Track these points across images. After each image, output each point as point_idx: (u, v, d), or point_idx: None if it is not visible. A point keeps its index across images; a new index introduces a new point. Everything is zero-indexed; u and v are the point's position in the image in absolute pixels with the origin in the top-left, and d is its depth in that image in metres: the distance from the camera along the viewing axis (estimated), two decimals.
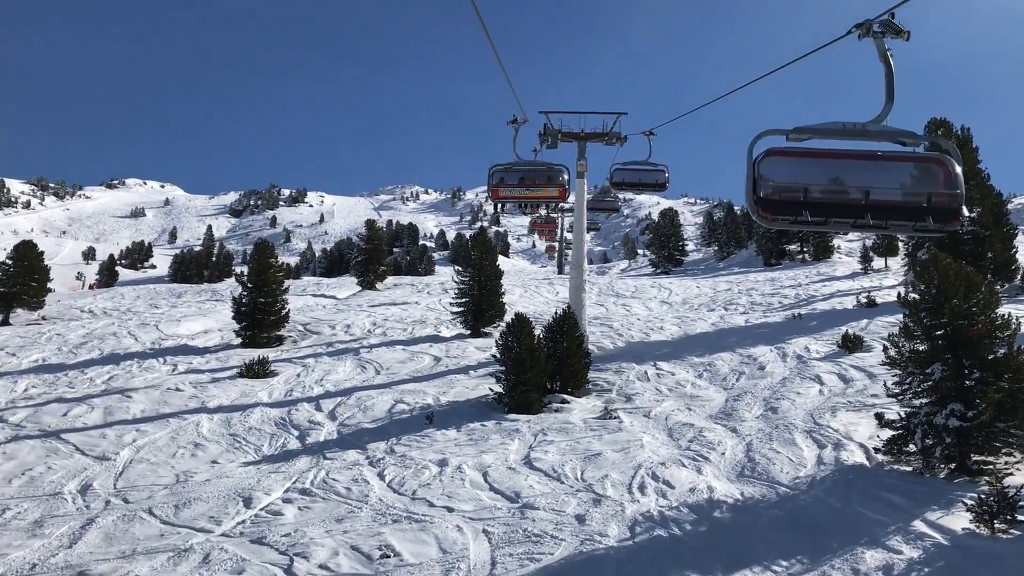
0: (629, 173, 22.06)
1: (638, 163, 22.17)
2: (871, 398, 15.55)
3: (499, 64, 11.18)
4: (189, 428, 15.53)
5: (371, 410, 16.46)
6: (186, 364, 21.57)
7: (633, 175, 22.04)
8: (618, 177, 22.11)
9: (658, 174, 22.05)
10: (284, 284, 25.17)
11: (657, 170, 22.08)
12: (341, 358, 21.43)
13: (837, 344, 19.57)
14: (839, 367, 18.00)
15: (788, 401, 15.82)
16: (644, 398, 16.72)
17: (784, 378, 17.65)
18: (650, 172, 22.06)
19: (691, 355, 20.24)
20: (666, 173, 22.04)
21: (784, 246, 49.77)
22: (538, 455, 13.11)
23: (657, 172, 22.06)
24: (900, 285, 30.94)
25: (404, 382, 18.73)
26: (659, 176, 22.02)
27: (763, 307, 29.49)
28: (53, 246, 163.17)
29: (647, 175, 22.04)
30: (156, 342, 25.30)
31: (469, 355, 21.43)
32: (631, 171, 22.08)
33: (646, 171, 22.06)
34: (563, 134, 21.02)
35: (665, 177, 22.05)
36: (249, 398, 17.59)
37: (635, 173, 22.05)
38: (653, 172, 22.08)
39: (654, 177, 22.02)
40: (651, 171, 22.08)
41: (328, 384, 18.69)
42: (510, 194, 17.04)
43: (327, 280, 63.41)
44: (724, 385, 17.57)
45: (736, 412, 15.47)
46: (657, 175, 22.04)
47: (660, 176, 22.03)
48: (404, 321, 28.04)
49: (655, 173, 22.07)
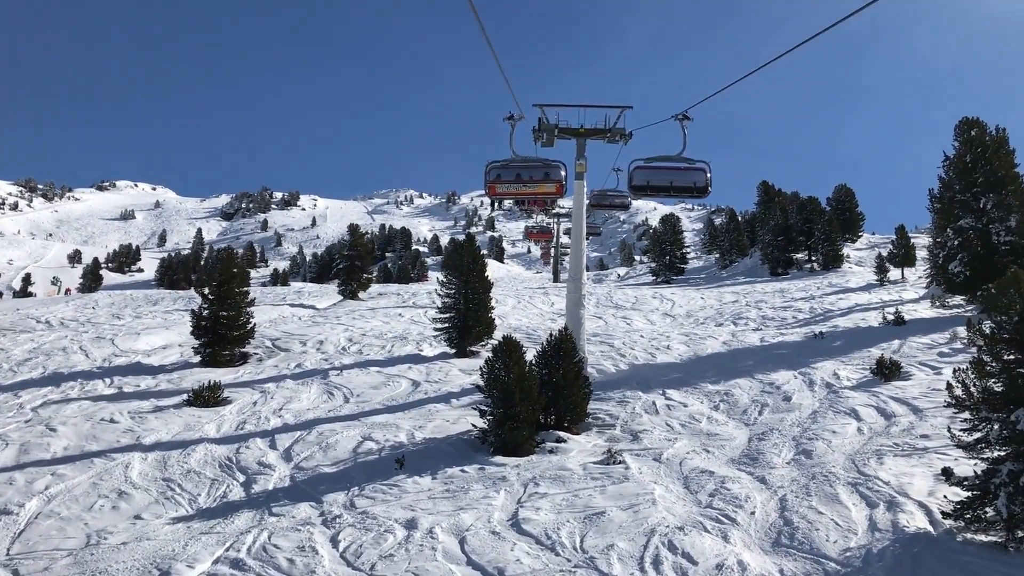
0: (656, 173, 16.63)
1: (668, 159, 16.72)
2: (921, 440, 13.20)
3: (493, 55, 10.87)
4: (116, 471, 13.10)
5: (333, 449, 14.02)
6: (133, 387, 19.10)
7: (662, 175, 16.56)
8: (640, 178, 16.61)
9: (695, 174, 16.49)
10: (249, 296, 22.66)
11: (694, 169, 16.56)
12: (306, 382, 18.95)
13: (871, 370, 17.21)
14: (876, 399, 15.63)
15: (823, 442, 13.43)
16: (653, 436, 14.31)
17: (814, 411, 15.28)
18: (685, 172, 16.54)
19: (704, 381, 17.85)
20: (707, 173, 16.46)
21: (791, 254, 47.48)
22: (528, 513, 10.70)
23: (694, 172, 16.53)
24: (923, 299, 28.66)
25: (376, 412, 16.29)
26: (697, 177, 16.49)
27: (776, 322, 27.17)
28: (39, 249, 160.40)
29: (681, 175, 16.48)
30: (108, 359, 22.82)
31: (452, 379, 18.99)
32: (660, 170, 16.65)
33: (680, 170, 16.55)
34: (560, 130, 18.61)
35: (706, 179, 16.45)
36: (193, 432, 15.13)
37: (665, 173, 16.55)
38: (689, 172, 16.55)
39: (690, 178, 16.47)
40: (686, 170, 16.56)
41: (287, 415, 16.24)
42: (507, 190, 16.62)
43: (312, 287, 60.95)
44: (745, 419, 15.18)
45: (762, 455, 13.08)
46: (694, 176, 16.49)
47: (699, 177, 16.45)
48: (383, 336, 25.56)
49: (691, 173, 16.52)
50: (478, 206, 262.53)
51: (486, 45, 10.64)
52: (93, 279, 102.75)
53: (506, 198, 17.53)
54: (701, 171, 16.75)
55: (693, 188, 16.74)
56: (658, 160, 16.95)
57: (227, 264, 22.05)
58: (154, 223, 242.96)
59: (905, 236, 38.95)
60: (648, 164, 16.98)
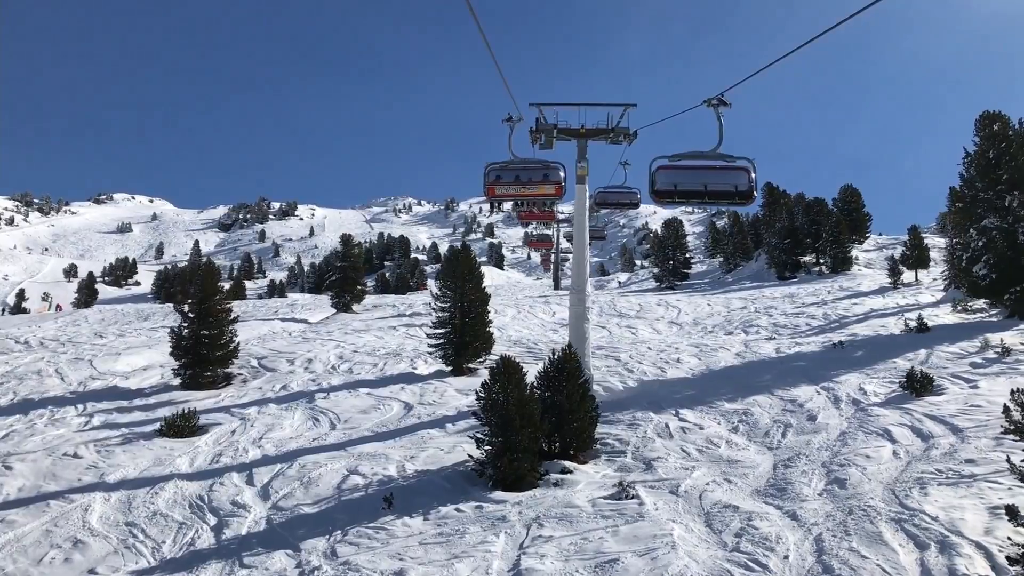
0: (687, 175, 13.75)
1: (701, 156, 13.82)
2: (966, 465, 11.85)
3: (489, 52, 10.65)
4: (74, 515, 11.82)
5: (316, 485, 12.71)
6: (104, 415, 17.79)
7: (694, 178, 13.69)
8: (665, 181, 13.66)
9: (736, 175, 13.67)
10: (232, 314, 21.36)
11: (735, 168, 13.70)
12: (290, 406, 17.62)
13: (901, 384, 15.88)
14: (910, 417, 14.29)
15: (856, 469, 12.09)
16: (668, 464, 12.98)
17: (842, 432, 13.94)
18: (723, 172, 13.72)
19: (719, 399, 16.52)
20: (751, 173, 13.57)
21: (798, 257, 46.16)
22: (531, 562, 9.40)
23: (735, 172, 13.69)
24: (942, 302, 27.35)
25: (364, 440, 14.97)
26: (739, 179, 13.71)
27: (790, 330, 25.86)
28: (34, 264, 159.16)
29: (718, 177, 13.69)
30: (83, 383, 21.52)
31: (448, 401, 17.67)
32: (691, 171, 13.76)
33: (716, 171, 13.75)
34: (559, 130, 17.44)
35: (750, 181, 13.58)
36: (164, 466, 13.82)
37: (697, 174, 13.72)
38: (728, 172, 13.71)
39: (729, 180, 13.66)
40: (725, 171, 13.74)
41: (268, 445, 14.92)
42: (506, 192, 16.42)
43: (306, 298, 59.66)
44: (767, 443, 13.85)
45: (791, 486, 11.74)
46: (735, 177, 13.65)
47: (740, 179, 13.64)
48: (376, 353, 24.22)
49: (731, 174, 13.70)
50: (477, 213, 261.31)
51: (484, 49, 11.33)
52: (88, 294, 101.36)
53: (505, 200, 17.11)
54: (743, 171, 13.60)
55: (734, 193, 13.67)
56: (688, 157, 13.83)
57: (208, 279, 20.72)
58: (151, 236, 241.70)
59: (918, 237, 37.67)
60: (676, 163, 13.70)
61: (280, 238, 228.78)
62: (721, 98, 14.10)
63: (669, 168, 13.92)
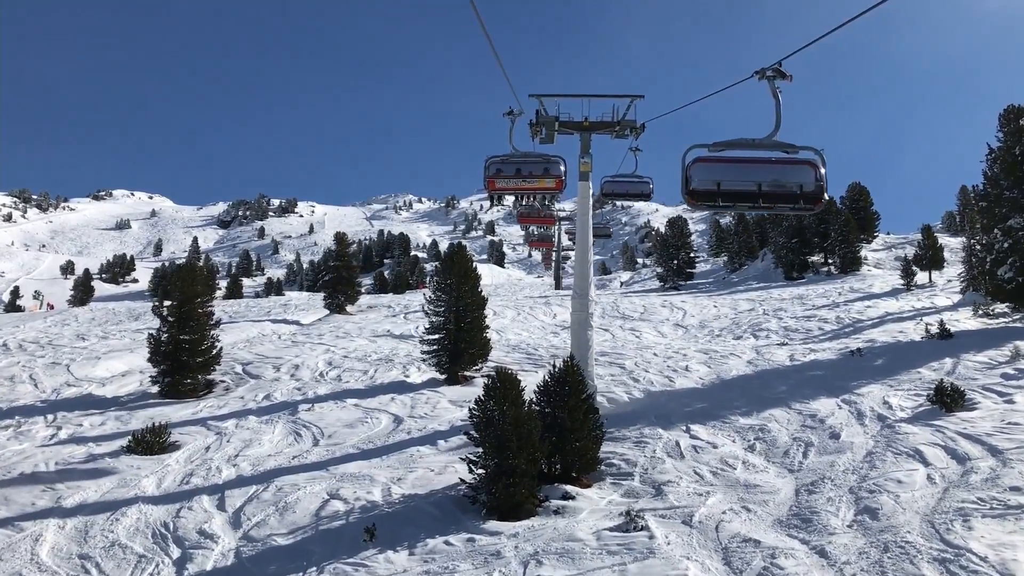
0: (736, 170, 10.56)
1: (752, 144, 10.61)
2: (1011, 494, 10.65)
3: (490, 44, 10.48)
4: (22, 546, 10.68)
5: (292, 510, 11.55)
6: (73, 427, 16.66)
7: (745, 174, 10.57)
8: (704, 177, 10.52)
9: (799, 171, 10.56)
10: (214, 318, 20.18)
11: (797, 162, 10.57)
12: (271, 419, 16.45)
13: (928, 398, 14.68)
14: (942, 435, 13.09)
15: (888, 496, 10.90)
16: (680, 489, 11.80)
17: (869, 453, 12.76)
18: (782, 168, 10.60)
19: (732, 412, 15.34)
20: (819, 168, 10.50)
21: (806, 257, 44.95)
22: None
23: (797, 168, 10.58)
24: (960, 306, 26.18)
25: (348, 459, 13.81)
26: (803, 176, 10.51)
27: (801, 334, 24.70)
28: (31, 260, 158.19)
29: (777, 173, 10.54)
30: (57, 390, 20.38)
31: (440, 413, 16.49)
32: (740, 166, 10.61)
33: (773, 164, 10.62)
34: (561, 123, 16.42)
35: (817, 178, 10.45)
36: (128, 488, 12.67)
37: (749, 170, 10.57)
38: (789, 168, 10.60)
39: (792, 178, 10.56)
40: (784, 165, 10.64)
41: (244, 463, 13.76)
42: (506, 185, 16.24)
43: (302, 297, 58.50)
44: (787, 464, 12.67)
45: (816, 516, 10.56)
46: (797, 173, 10.53)
47: (805, 175, 10.46)
48: (367, 359, 23.02)
49: (792, 169, 10.58)
50: (478, 210, 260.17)
51: (487, 46, 10.42)
52: (84, 291, 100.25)
53: (506, 193, 16.98)
54: (809, 166, 10.40)
55: (796, 195, 10.37)
56: (735, 146, 10.46)
57: (188, 281, 19.54)
58: (150, 232, 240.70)
59: (932, 237, 36.46)
60: (718, 155, 10.44)
61: (279, 235, 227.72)
62: (779, 68, 10.59)
63: (710, 161, 10.44)
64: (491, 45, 11.09)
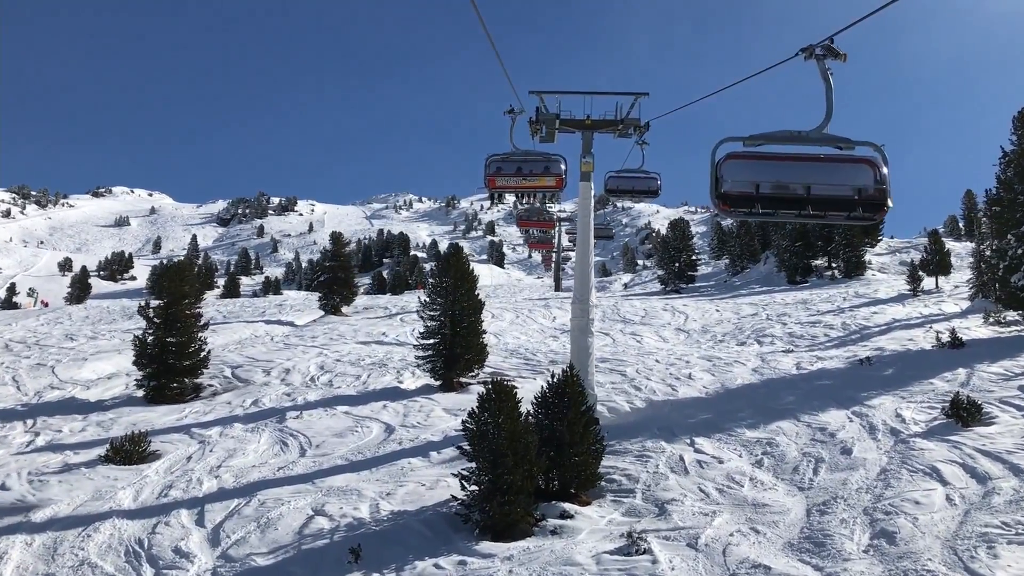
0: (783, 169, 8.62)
1: (793, 138, 8.79)
2: None
3: (489, 41, 10.31)
4: None
5: (274, 527, 10.91)
6: (53, 432, 16.03)
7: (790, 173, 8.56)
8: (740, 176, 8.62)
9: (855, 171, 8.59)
10: (203, 319, 19.55)
11: (856, 161, 8.69)
12: (258, 427, 15.79)
13: (944, 412, 14.04)
14: (960, 452, 12.45)
15: (905, 519, 10.26)
16: (685, 508, 11.16)
17: (883, 470, 12.12)
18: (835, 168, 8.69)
19: (739, 425, 14.70)
20: (880, 167, 8.50)
21: (810, 260, 44.34)
22: None
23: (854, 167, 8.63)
24: (969, 312, 25.55)
25: (335, 471, 13.17)
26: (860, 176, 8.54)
27: (807, 341, 24.07)
28: (29, 257, 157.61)
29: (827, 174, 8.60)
30: (40, 393, 19.77)
31: (434, 422, 15.85)
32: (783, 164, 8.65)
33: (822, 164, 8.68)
34: (562, 121, 15.93)
35: (877, 180, 8.42)
36: (103, 501, 12.03)
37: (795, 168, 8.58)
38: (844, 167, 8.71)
39: (850, 179, 8.58)
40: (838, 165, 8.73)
41: (227, 475, 13.12)
42: (507, 183, 16.24)
43: (298, 297, 57.89)
44: (797, 481, 12.03)
45: (830, 539, 9.92)
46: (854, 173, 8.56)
47: (863, 176, 8.51)
48: (360, 363, 22.36)
49: (848, 169, 8.64)
50: (478, 210, 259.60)
51: (488, 46, 10.34)
52: (81, 288, 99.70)
53: (506, 191, 17.02)
54: (867, 165, 8.46)
55: (854, 201, 8.36)
56: (776, 140, 8.67)
57: (175, 281, 18.91)
58: (149, 230, 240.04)
59: (939, 242, 35.85)
60: (757, 150, 8.61)
61: (279, 233, 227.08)
62: (830, 45, 8.76)
63: (746, 158, 8.59)
64: (490, 40, 10.73)
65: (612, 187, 18.49)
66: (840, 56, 8.75)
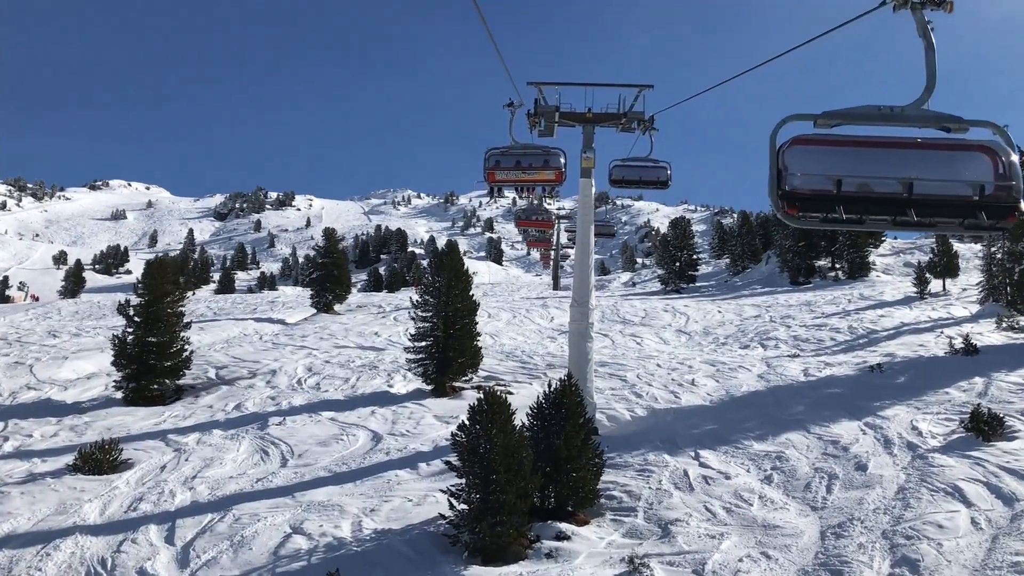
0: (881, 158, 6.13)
1: (885, 116, 6.33)
2: None
3: (490, 36, 10.20)
4: None
5: (248, 546, 10.13)
6: (23, 437, 15.23)
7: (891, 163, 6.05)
8: (811, 171, 6.14)
9: (970, 161, 6.06)
10: (184, 318, 18.75)
11: (970, 148, 6.14)
12: (237, 435, 14.98)
13: (963, 424, 13.27)
14: (982, 469, 11.68)
15: (929, 544, 9.50)
16: (690, 529, 10.39)
17: (901, 488, 11.35)
18: (955, 155, 6.14)
19: (746, 436, 13.93)
20: (1008, 155, 5.92)
21: (813, 261, 43.55)
22: None
23: (969, 156, 6.09)
24: (979, 316, 24.80)
25: (317, 483, 12.39)
26: (977, 167, 6.04)
27: (813, 345, 23.32)
28: (24, 250, 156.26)
29: (941, 165, 6.07)
30: (15, 393, 18.98)
31: (424, 430, 15.07)
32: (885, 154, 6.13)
33: (930, 149, 6.14)
34: (562, 114, 15.23)
35: (1003, 168, 5.88)
36: (67, 515, 11.24)
37: (902, 156, 6.07)
38: (960, 156, 6.16)
39: (966, 169, 6.09)
40: (960, 150, 6.18)
41: (201, 486, 12.33)
42: (506, 177, 15.93)
43: (293, 293, 57.09)
44: (810, 500, 11.26)
45: (847, 566, 9.17)
46: (969, 163, 6.08)
47: (980, 167, 5.97)
48: (349, 365, 21.58)
49: (961, 159, 6.14)
50: (477, 207, 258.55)
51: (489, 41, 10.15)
52: (75, 282, 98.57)
53: (505, 185, 16.62)
54: (984, 153, 6.01)
55: (973, 200, 5.93)
56: (859, 117, 6.39)
57: (156, 278, 18.10)
58: (146, 223, 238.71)
59: (947, 243, 35.07)
60: (832, 134, 6.30)
61: (276, 228, 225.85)
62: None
63: (820, 143, 6.23)
64: (488, 32, 10.19)
65: (617, 177, 17.26)
66: (946, 4, 6.37)
